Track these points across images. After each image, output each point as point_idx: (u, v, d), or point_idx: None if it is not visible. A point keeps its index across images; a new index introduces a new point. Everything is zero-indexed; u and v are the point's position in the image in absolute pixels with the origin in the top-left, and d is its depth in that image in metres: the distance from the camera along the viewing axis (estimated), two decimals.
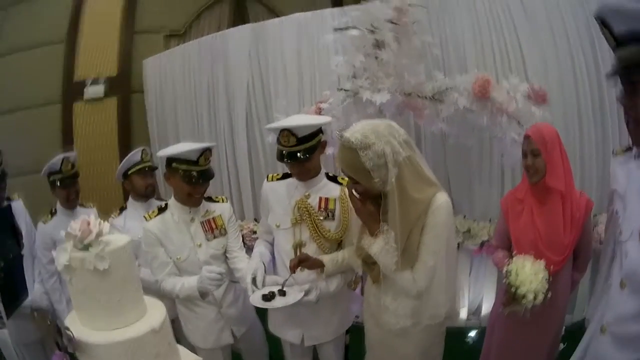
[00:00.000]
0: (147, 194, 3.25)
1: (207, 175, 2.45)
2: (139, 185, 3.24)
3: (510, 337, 2.45)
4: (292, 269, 2.22)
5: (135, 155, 3.26)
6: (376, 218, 1.97)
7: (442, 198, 1.89)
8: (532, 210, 2.34)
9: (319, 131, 2.27)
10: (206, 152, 2.41)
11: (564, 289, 2.35)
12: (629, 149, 2.16)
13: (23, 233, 3.13)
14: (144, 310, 1.52)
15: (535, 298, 2.01)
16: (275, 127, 2.28)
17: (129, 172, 3.24)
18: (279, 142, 2.25)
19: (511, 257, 2.26)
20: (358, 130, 1.83)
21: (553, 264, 2.15)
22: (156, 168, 3.33)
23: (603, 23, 1.29)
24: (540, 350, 2.45)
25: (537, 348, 2.44)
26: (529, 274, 2.02)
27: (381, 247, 1.92)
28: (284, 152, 2.24)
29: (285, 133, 2.19)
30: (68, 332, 1.37)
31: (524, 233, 2.35)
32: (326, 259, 2.26)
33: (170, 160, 2.40)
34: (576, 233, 2.29)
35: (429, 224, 1.88)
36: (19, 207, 3.18)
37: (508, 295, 2.11)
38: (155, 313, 1.53)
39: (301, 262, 2.23)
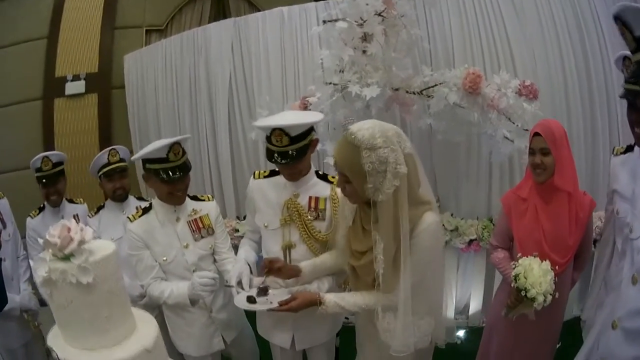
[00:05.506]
0: (115, 197, 3.13)
1: (181, 170, 2.31)
2: (106, 189, 3.15)
3: (511, 339, 2.41)
4: (265, 274, 2.11)
5: (101, 157, 3.13)
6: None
7: (429, 219, 1.79)
8: (536, 210, 2.28)
9: (311, 129, 2.14)
10: (174, 147, 2.27)
11: (564, 289, 2.30)
12: (628, 148, 2.12)
13: (11, 233, 3.02)
14: (133, 326, 1.39)
15: (545, 300, 1.96)
16: (266, 126, 2.12)
17: (99, 174, 3.14)
18: (269, 141, 2.10)
19: (512, 257, 2.19)
20: (366, 128, 1.70)
21: (557, 265, 2.11)
22: (126, 169, 3.19)
23: (624, 24, 1.25)
24: (542, 351, 2.42)
25: (539, 348, 2.41)
26: (537, 275, 1.96)
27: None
28: (275, 152, 2.10)
29: (278, 132, 2.05)
30: (53, 353, 1.23)
31: (528, 233, 2.29)
32: (303, 264, 2.15)
33: (144, 161, 2.31)
34: (580, 234, 2.25)
35: (413, 244, 1.77)
36: (5, 205, 3.09)
37: (514, 299, 2.06)
38: (146, 329, 1.39)
39: (272, 266, 2.10)
